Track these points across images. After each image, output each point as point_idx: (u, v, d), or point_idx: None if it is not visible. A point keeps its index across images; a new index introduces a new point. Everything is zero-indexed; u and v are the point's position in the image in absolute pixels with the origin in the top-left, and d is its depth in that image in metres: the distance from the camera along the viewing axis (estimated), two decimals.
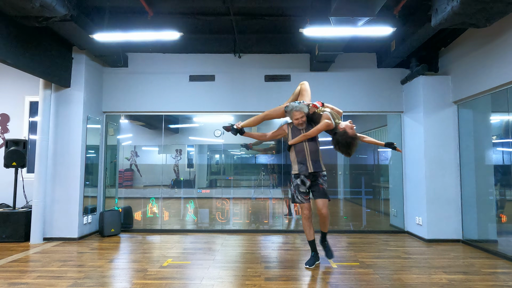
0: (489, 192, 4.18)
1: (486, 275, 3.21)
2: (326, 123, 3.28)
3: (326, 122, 3.28)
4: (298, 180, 3.45)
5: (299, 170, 3.44)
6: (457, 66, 4.62)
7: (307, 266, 3.42)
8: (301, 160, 3.43)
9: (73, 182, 4.68)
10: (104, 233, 4.84)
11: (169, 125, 5.63)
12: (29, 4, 3.15)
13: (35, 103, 5.14)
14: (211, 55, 5.40)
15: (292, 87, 5.31)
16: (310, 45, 5.05)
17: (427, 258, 3.78)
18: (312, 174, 3.44)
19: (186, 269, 3.37)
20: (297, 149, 3.46)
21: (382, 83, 5.32)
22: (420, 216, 4.76)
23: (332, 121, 3.30)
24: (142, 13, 4.33)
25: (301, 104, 3.43)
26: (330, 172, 5.70)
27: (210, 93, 5.33)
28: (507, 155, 3.94)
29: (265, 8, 4.37)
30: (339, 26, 3.60)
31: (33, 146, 4.98)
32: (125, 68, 5.37)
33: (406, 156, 5.20)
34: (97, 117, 5.19)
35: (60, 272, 3.25)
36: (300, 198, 3.45)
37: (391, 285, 2.93)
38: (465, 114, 4.63)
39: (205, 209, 5.53)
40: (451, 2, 3.09)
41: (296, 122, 3.45)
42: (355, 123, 3.32)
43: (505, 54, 3.71)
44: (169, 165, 5.78)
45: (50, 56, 4.30)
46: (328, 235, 5.02)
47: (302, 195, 3.44)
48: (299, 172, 3.44)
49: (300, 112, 3.40)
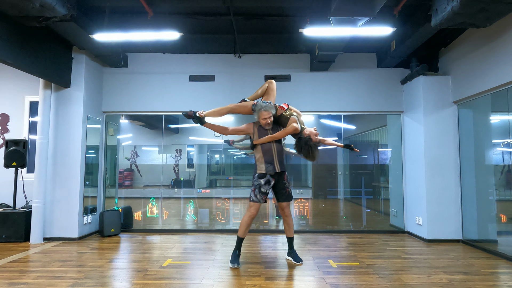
0: (489, 192, 4.18)
1: (486, 275, 3.21)
2: (294, 127, 3.36)
3: (294, 125, 3.36)
4: (263, 180, 3.45)
5: (266, 170, 3.45)
6: (457, 66, 4.62)
7: (236, 265, 3.40)
8: (268, 160, 3.45)
9: (73, 182, 4.68)
10: (104, 233, 4.85)
11: (169, 125, 5.63)
12: (29, 4, 3.15)
13: (35, 103, 5.15)
14: (211, 55, 5.40)
15: (292, 87, 5.34)
16: (310, 45, 5.05)
17: (427, 258, 3.78)
18: (278, 174, 3.50)
19: (186, 269, 3.37)
20: (264, 149, 3.48)
21: (382, 83, 5.33)
22: (420, 216, 4.76)
23: (298, 126, 3.39)
24: (142, 13, 4.33)
25: (270, 105, 3.46)
26: (330, 172, 5.70)
27: (210, 93, 5.33)
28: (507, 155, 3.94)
29: (265, 8, 4.37)
30: (339, 26, 3.60)
31: (33, 146, 4.98)
32: (125, 68, 5.37)
33: (406, 156, 5.20)
34: (97, 117, 5.19)
35: (60, 272, 3.25)
36: (258, 197, 3.45)
37: (391, 285, 2.93)
38: (465, 114, 4.63)
39: (205, 209, 5.53)
40: (451, 2, 3.09)
41: (263, 122, 3.47)
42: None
43: (505, 54, 3.71)
44: (169, 165, 5.78)
45: (50, 56, 4.30)
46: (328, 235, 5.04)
47: (261, 195, 3.45)
48: (266, 171, 3.45)
49: (268, 113, 3.43)
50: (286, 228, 3.62)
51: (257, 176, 3.49)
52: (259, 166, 3.50)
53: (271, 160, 3.46)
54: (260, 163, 3.49)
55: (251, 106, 3.52)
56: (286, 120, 3.47)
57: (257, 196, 3.45)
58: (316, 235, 4.96)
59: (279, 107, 3.54)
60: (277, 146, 3.50)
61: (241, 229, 3.49)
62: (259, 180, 3.46)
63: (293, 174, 5.73)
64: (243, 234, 3.49)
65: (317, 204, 5.65)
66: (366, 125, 5.78)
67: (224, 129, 3.58)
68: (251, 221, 3.48)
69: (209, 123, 3.56)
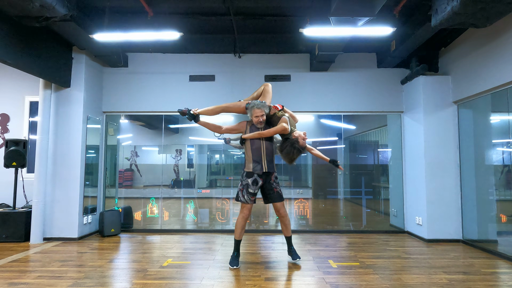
0: (489, 192, 4.18)
1: (486, 275, 3.21)
2: (283, 127, 3.34)
3: (283, 125, 3.34)
4: (250, 179, 3.43)
5: (253, 169, 3.43)
6: (457, 66, 4.62)
7: (235, 267, 3.39)
8: (256, 159, 3.44)
9: (73, 182, 4.68)
10: (104, 233, 4.85)
11: (169, 125, 5.63)
12: (29, 4, 3.15)
13: (35, 103, 5.15)
14: (211, 55, 5.40)
15: (292, 87, 5.34)
16: (310, 45, 5.05)
17: (427, 258, 3.78)
18: (265, 174, 3.47)
19: (186, 269, 3.37)
20: (254, 147, 3.46)
21: (382, 83, 5.33)
22: (420, 216, 4.76)
23: (288, 126, 3.37)
24: (142, 13, 4.33)
25: (263, 103, 3.46)
26: (330, 172, 5.70)
27: (210, 93, 5.33)
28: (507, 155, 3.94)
29: (265, 8, 4.37)
30: (339, 26, 3.60)
31: (33, 146, 4.98)
32: (125, 68, 5.37)
33: (406, 156, 5.20)
34: (97, 117, 5.19)
35: (60, 272, 3.25)
36: (246, 198, 3.43)
37: (391, 285, 2.93)
38: (465, 114, 4.63)
39: (205, 209, 5.53)
40: (451, 2, 3.09)
41: (255, 120, 3.45)
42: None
43: (505, 54, 3.71)
44: (169, 165, 5.78)
45: (50, 56, 4.30)
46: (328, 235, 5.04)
47: (249, 195, 3.43)
48: (253, 171, 3.43)
49: (261, 110, 3.42)
50: (283, 228, 3.61)
51: (245, 175, 3.47)
52: (247, 164, 3.49)
53: (260, 159, 3.43)
54: (248, 162, 3.48)
55: (244, 105, 3.53)
56: (278, 120, 3.46)
57: (244, 196, 3.44)
58: (316, 235, 4.96)
59: (273, 107, 3.54)
60: (267, 145, 3.47)
61: (237, 231, 3.49)
62: (246, 180, 3.44)
63: (293, 174, 5.73)
64: (239, 236, 3.49)
65: (317, 204, 5.65)
66: (366, 125, 5.78)
67: (218, 128, 3.59)
68: (245, 222, 3.48)
69: (203, 121, 3.57)
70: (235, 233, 3.50)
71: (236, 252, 3.49)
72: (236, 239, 3.50)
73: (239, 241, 3.51)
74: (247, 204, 3.44)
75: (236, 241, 3.50)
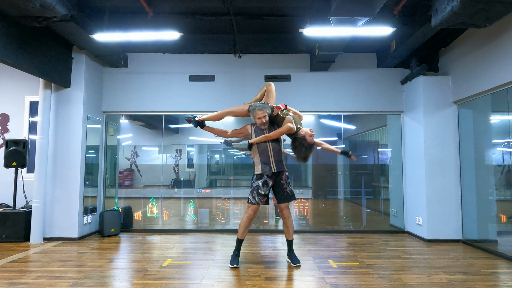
0: (489, 192, 4.18)
1: (486, 275, 3.21)
2: (288, 127, 3.34)
3: (289, 125, 3.34)
4: (260, 181, 3.43)
5: (262, 171, 3.43)
6: (457, 66, 4.62)
7: (235, 265, 3.40)
8: (264, 160, 3.44)
9: (73, 182, 4.68)
10: (104, 233, 4.84)
11: (169, 125, 5.63)
12: (29, 4, 3.15)
13: (35, 103, 5.15)
14: (211, 55, 5.40)
15: (292, 87, 5.34)
16: (310, 45, 5.05)
17: (427, 258, 3.78)
18: (275, 174, 3.46)
19: (186, 269, 3.37)
20: (260, 149, 3.46)
21: (382, 83, 5.33)
22: (420, 216, 4.77)
23: (293, 126, 3.37)
24: (142, 13, 4.33)
25: (264, 104, 3.46)
26: (330, 172, 5.70)
27: (210, 93, 5.33)
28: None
29: (265, 8, 4.37)
30: (339, 26, 3.60)
31: (33, 146, 4.98)
32: (125, 68, 5.37)
33: (406, 156, 5.20)
34: (97, 117, 5.19)
35: (60, 272, 3.25)
36: (256, 199, 3.42)
37: (391, 285, 2.93)
38: (465, 114, 4.63)
39: (205, 209, 5.53)
40: (451, 2, 3.09)
41: (258, 121, 3.45)
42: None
43: (505, 54, 3.71)
44: (169, 165, 5.78)
45: (50, 56, 4.30)
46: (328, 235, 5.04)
47: (260, 197, 3.42)
48: (263, 172, 3.43)
49: (263, 112, 3.42)
50: (285, 230, 3.59)
51: (255, 178, 3.48)
52: (256, 167, 3.50)
53: (267, 160, 3.44)
54: (257, 164, 3.49)
55: (247, 108, 3.53)
56: (282, 120, 3.46)
57: (255, 198, 3.44)
58: (316, 235, 4.96)
59: (276, 107, 3.53)
60: (273, 146, 3.47)
61: (240, 231, 3.49)
62: (257, 182, 3.45)
63: (293, 174, 5.73)
64: (242, 236, 3.49)
65: (317, 204, 5.65)
66: (366, 125, 5.78)
67: (224, 132, 3.63)
68: (249, 223, 3.48)
69: (209, 126, 3.62)
70: (238, 232, 3.50)
71: (237, 251, 3.50)
72: (238, 238, 3.50)
73: (241, 241, 3.51)
74: (256, 205, 3.44)
75: (238, 240, 3.50)
